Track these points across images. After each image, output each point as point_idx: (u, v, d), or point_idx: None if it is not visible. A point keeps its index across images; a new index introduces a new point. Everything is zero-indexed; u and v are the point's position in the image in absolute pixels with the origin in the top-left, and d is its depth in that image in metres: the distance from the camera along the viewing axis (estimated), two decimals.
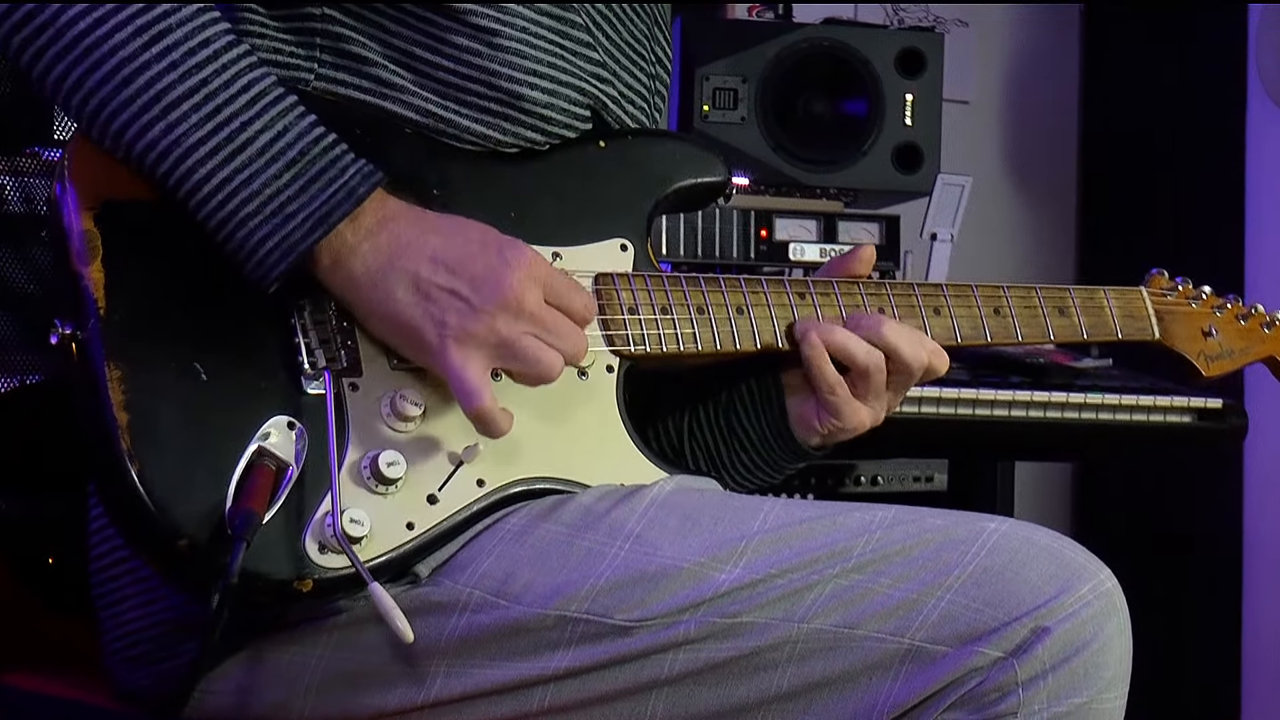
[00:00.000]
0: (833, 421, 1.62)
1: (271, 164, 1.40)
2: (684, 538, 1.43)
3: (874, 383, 1.60)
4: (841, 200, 3.20)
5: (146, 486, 1.34)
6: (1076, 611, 1.36)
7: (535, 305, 1.42)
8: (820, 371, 1.60)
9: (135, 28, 1.38)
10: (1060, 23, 4.20)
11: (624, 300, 1.56)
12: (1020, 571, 1.37)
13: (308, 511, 1.39)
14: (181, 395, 1.38)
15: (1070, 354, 2.85)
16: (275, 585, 1.37)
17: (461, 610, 1.44)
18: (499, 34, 1.55)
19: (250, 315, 1.43)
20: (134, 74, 1.38)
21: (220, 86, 1.39)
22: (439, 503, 1.43)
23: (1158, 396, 2.67)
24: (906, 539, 1.40)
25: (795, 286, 1.63)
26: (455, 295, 1.41)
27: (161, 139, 1.39)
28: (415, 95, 1.55)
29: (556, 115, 1.59)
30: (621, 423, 1.55)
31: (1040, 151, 4.19)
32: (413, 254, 1.42)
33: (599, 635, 1.42)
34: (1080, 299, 1.74)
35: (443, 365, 1.41)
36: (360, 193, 1.41)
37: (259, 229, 1.39)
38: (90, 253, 1.40)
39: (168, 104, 1.38)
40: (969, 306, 1.68)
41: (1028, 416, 2.63)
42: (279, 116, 1.41)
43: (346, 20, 1.55)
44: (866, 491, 3.13)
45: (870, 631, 1.38)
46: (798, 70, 3.19)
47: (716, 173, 1.67)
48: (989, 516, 1.42)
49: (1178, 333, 1.81)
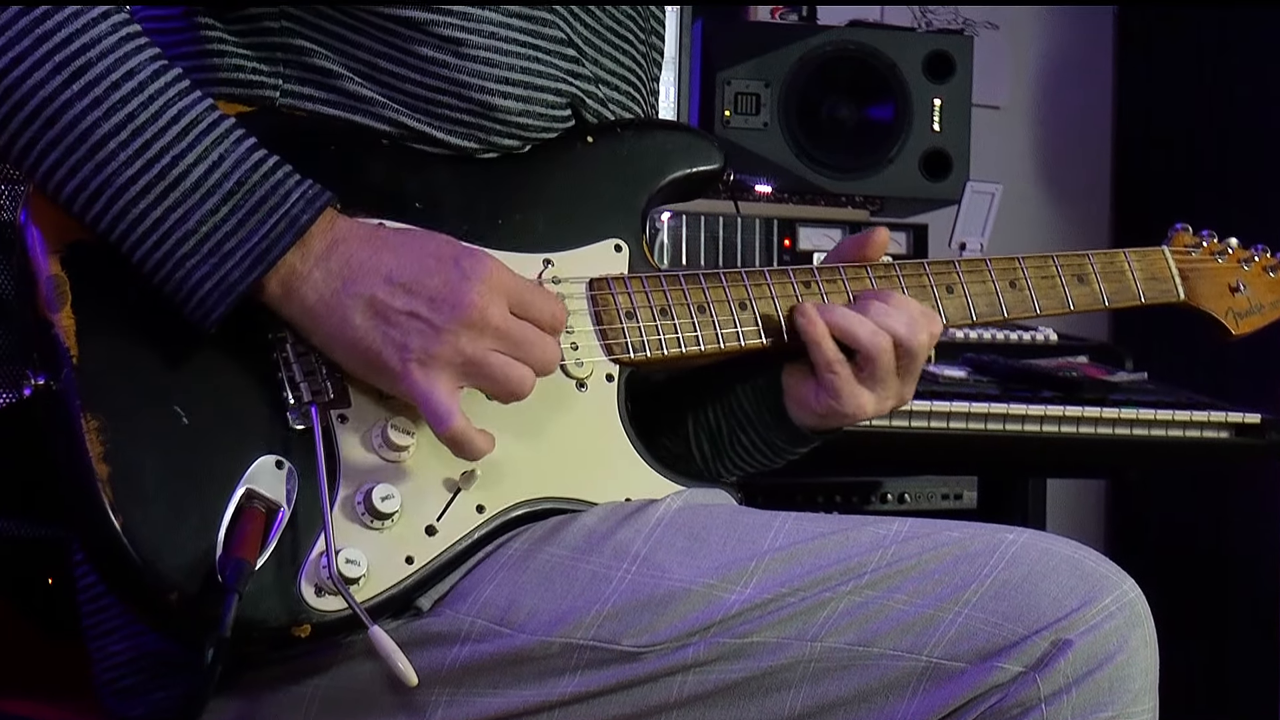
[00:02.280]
0: (830, 402, 1.59)
1: (207, 198, 1.37)
2: (692, 558, 1.42)
3: (880, 366, 1.57)
4: (867, 209, 3.20)
5: (132, 540, 1.32)
6: (1099, 623, 1.35)
7: (500, 318, 1.40)
8: (818, 346, 1.56)
9: (54, 64, 1.35)
10: (1093, 24, 4.18)
11: (621, 305, 1.55)
12: (1040, 584, 1.36)
13: (302, 553, 1.37)
14: (163, 441, 1.36)
15: (1104, 368, 2.84)
16: (271, 633, 1.35)
17: (463, 640, 1.43)
18: (465, 42, 1.53)
19: (229, 352, 1.40)
20: (57, 113, 1.35)
21: (148, 120, 1.36)
22: (438, 533, 1.42)
23: (1194, 411, 2.65)
24: (921, 553, 1.39)
25: (800, 275, 1.61)
26: (414, 316, 1.38)
27: (92, 179, 1.36)
28: (385, 107, 1.53)
29: (533, 121, 1.57)
30: (625, 434, 1.53)
31: (1073, 158, 4.17)
32: (367, 276, 1.39)
33: (606, 661, 1.41)
34: (1100, 264, 1.72)
35: (408, 390, 1.39)
36: (303, 221, 1.38)
37: (196, 269, 1.36)
38: (59, 298, 1.38)
39: (94, 142, 1.35)
40: (983, 281, 1.66)
41: (1060, 432, 2.61)
42: (213, 145, 1.38)
43: (305, 32, 1.53)
44: (893, 509, 3.12)
45: (885, 649, 1.37)
46: (822, 74, 3.19)
47: (711, 160, 1.66)
48: (1007, 528, 1.41)
49: (1203, 291, 1.79)
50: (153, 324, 1.39)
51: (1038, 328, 2.99)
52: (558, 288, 1.53)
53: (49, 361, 1.37)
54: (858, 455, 2.69)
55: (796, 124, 3.17)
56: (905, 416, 2.51)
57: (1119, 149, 4.20)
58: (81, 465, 1.33)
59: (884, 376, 1.58)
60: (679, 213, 3.03)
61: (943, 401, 2.53)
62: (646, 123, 1.73)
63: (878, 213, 3.23)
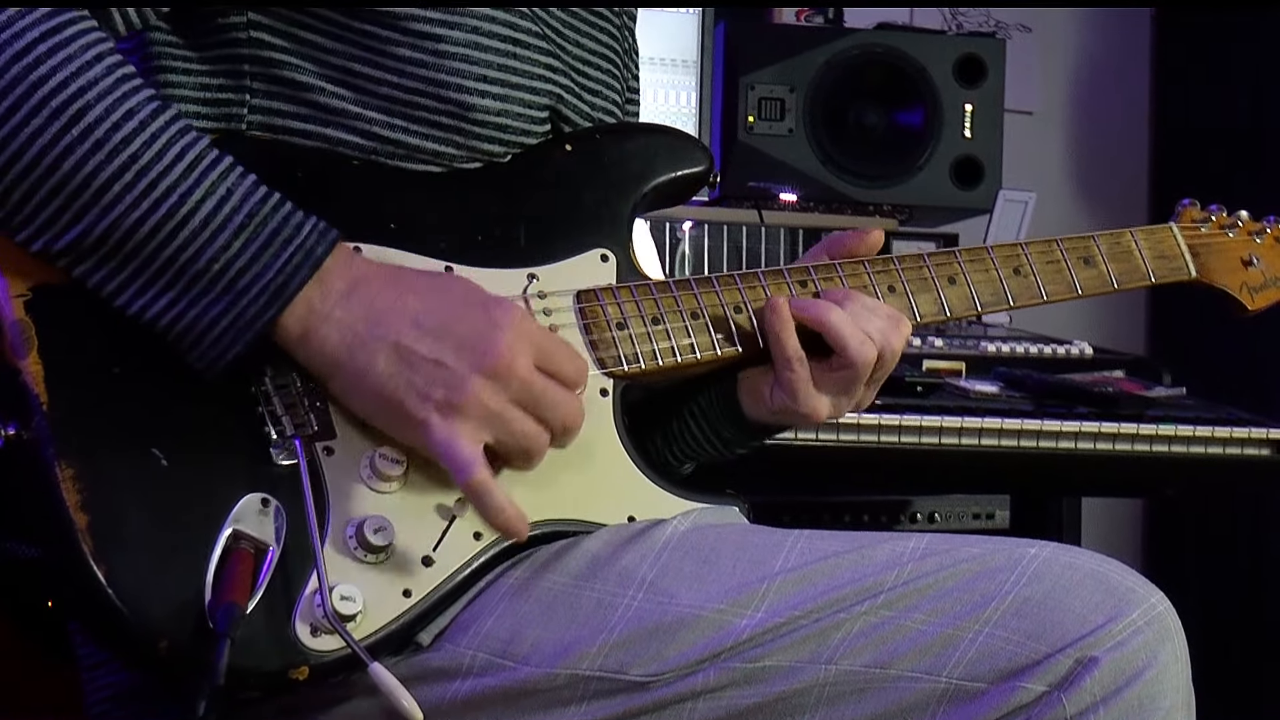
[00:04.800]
0: (785, 400, 1.57)
1: (218, 234, 1.36)
2: (701, 582, 1.41)
3: (861, 374, 1.55)
4: (896, 218, 3.20)
5: (117, 589, 1.30)
6: (1127, 639, 1.34)
7: (525, 370, 1.39)
8: (778, 341, 1.54)
9: (51, 110, 1.34)
10: (1130, 26, 4.18)
11: (611, 316, 1.53)
12: (1063, 599, 1.35)
13: (294, 592, 1.35)
14: (142, 485, 1.34)
15: (1141, 382, 2.83)
16: (267, 677, 1.34)
17: (465, 675, 1.42)
18: (444, 39, 1.52)
19: (206, 390, 1.39)
20: (58, 159, 1.34)
21: (152, 159, 1.35)
22: (435, 564, 1.40)
23: (1234, 428, 2.64)
24: (939, 570, 1.38)
25: (795, 275, 1.60)
26: (440, 364, 1.37)
27: (97, 225, 1.35)
28: (359, 118, 1.52)
29: (512, 122, 1.56)
30: (624, 450, 1.52)
31: (1109, 165, 4.16)
32: (392, 319, 1.38)
33: (613, 691, 1.40)
34: (1106, 245, 1.72)
35: (428, 440, 1.38)
36: (318, 254, 1.37)
37: (210, 309, 1.35)
38: (25, 344, 1.36)
39: (99, 186, 1.34)
40: (986, 270, 1.65)
41: (1095, 449, 2.61)
42: (219, 180, 1.37)
43: (276, 42, 1.52)
44: (923, 529, 3.10)
45: (903, 671, 1.36)
46: (849, 79, 3.19)
47: (696, 162, 1.65)
48: (1029, 542, 1.40)
49: (1215, 266, 1.78)
50: (125, 365, 1.38)
51: (1072, 341, 2.98)
52: (543, 302, 1.52)
53: (18, 409, 1.35)
54: (886, 472, 2.69)
55: (822, 130, 3.16)
56: (935, 433, 2.50)
57: (1157, 156, 4.19)
58: (59, 515, 1.32)
59: (857, 384, 1.56)
60: (700, 222, 3.03)
61: (974, 418, 2.52)
62: (627, 127, 1.73)
63: (906, 222, 3.22)
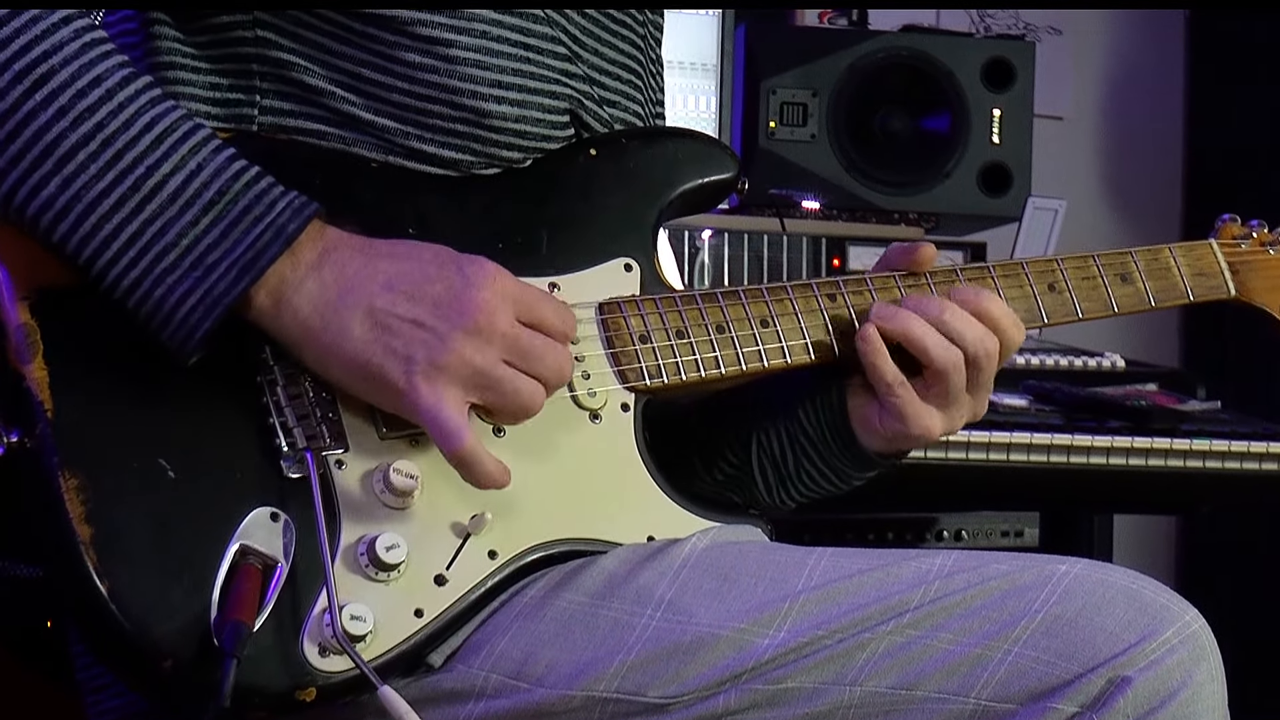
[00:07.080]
0: (895, 425, 1.56)
1: (186, 210, 1.34)
2: (721, 601, 1.40)
3: (952, 385, 1.55)
4: (922, 226, 3.20)
5: (120, 605, 1.30)
6: (1161, 658, 1.33)
7: (507, 325, 1.38)
8: (875, 369, 1.54)
9: (14, 73, 1.33)
10: (1163, 28, 4.18)
11: (634, 328, 1.52)
12: (1095, 618, 1.34)
13: (303, 611, 1.35)
14: (148, 498, 1.33)
15: (1174, 396, 2.83)
16: (274, 699, 1.33)
17: (478, 697, 1.41)
18: (454, 44, 1.51)
19: (215, 399, 1.38)
20: (19, 125, 1.33)
21: (119, 128, 1.34)
22: (448, 583, 1.39)
23: (1271, 443, 2.64)
24: (967, 588, 1.37)
25: (824, 288, 1.59)
26: (418, 324, 1.36)
27: (59, 195, 1.33)
28: (371, 125, 1.51)
29: (531, 128, 1.55)
30: (645, 467, 1.51)
31: (1142, 172, 4.16)
32: (364, 284, 1.37)
33: (631, 714, 1.39)
34: (1144, 261, 1.70)
35: (413, 406, 1.36)
36: (290, 230, 1.35)
37: (178, 285, 1.34)
38: (30, 349, 1.35)
39: (61, 155, 1.33)
40: (1020, 286, 1.64)
41: (1128, 465, 2.61)
42: (190, 154, 1.36)
43: (282, 42, 1.51)
44: (950, 547, 3.09)
45: (930, 692, 1.35)
46: (874, 83, 3.20)
47: (725, 169, 1.64)
48: (1059, 558, 1.39)
49: (1255, 285, 1.77)
50: (132, 372, 1.37)
51: (1104, 354, 2.98)
52: None
53: (22, 417, 1.35)
54: (912, 489, 2.67)
55: (846, 136, 3.17)
56: (963, 448, 2.51)
57: (1190, 162, 4.19)
58: (62, 528, 1.31)
59: (956, 396, 1.56)
60: (720, 230, 3.03)
61: (1003, 432, 2.52)
62: (653, 131, 1.72)
63: (933, 230, 3.22)
